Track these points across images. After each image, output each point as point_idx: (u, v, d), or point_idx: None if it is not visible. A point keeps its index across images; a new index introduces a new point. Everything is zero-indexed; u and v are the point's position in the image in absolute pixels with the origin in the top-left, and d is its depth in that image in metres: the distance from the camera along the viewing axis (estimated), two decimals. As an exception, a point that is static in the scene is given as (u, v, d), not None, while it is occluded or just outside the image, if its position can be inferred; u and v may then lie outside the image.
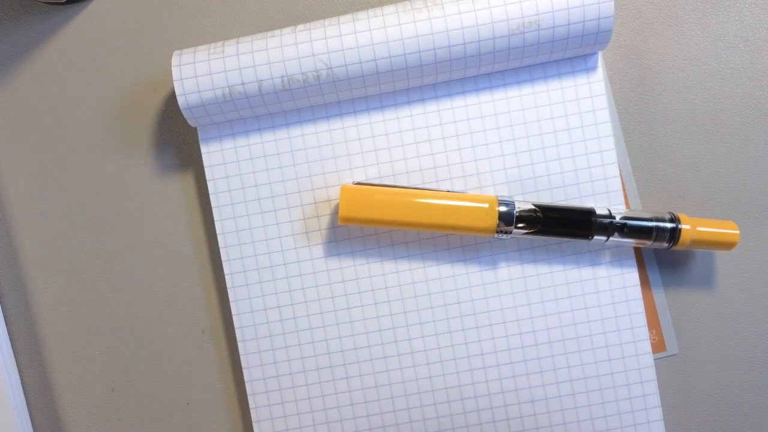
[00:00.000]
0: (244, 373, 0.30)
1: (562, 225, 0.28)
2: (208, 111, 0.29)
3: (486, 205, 0.28)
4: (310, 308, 0.30)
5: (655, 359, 0.31)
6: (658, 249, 0.30)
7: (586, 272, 0.30)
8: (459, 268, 0.30)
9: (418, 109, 0.30)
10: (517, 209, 0.28)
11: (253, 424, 0.30)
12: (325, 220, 0.30)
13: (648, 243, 0.29)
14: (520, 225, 0.28)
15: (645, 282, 0.31)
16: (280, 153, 0.30)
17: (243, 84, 0.28)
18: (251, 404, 0.30)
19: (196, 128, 0.30)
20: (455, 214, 0.28)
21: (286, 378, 0.30)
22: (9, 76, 0.32)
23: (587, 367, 0.30)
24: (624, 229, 0.28)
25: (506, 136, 0.30)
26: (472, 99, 0.30)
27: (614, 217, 0.28)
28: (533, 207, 0.28)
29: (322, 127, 0.30)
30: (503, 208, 0.28)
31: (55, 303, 0.32)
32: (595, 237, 0.28)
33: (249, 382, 0.30)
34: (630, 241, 0.29)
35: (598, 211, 0.29)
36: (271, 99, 0.28)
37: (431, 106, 0.30)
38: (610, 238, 0.29)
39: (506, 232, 0.28)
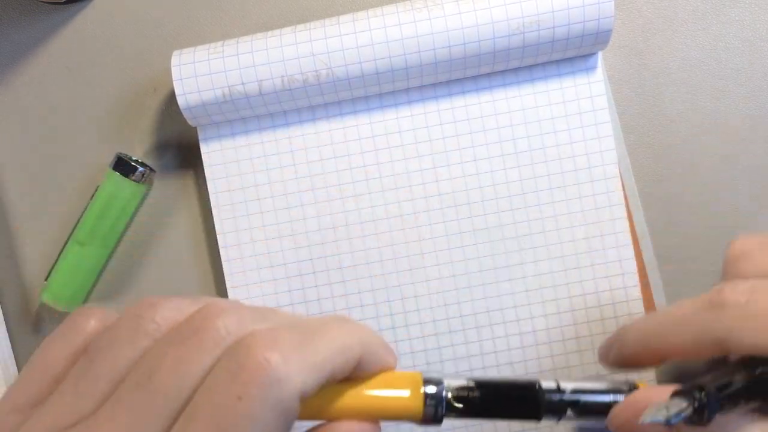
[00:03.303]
0: (244, 373, 0.30)
1: (502, 405, 0.22)
2: (208, 111, 0.29)
3: (407, 393, 0.21)
4: (310, 308, 0.30)
5: (655, 359, 0.31)
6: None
7: (587, 272, 0.30)
8: (459, 268, 0.30)
9: (418, 109, 0.30)
10: (447, 389, 0.21)
11: (253, 424, 0.30)
12: (324, 220, 0.30)
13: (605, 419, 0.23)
14: (455, 407, 0.21)
15: (645, 282, 0.31)
16: (280, 153, 0.30)
17: (243, 84, 0.28)
18: (251, 404, 0.30)
19: (196, 128, 0.30)
20: (368, 404, 0.21)
21: (286, 378, 0.30)
22: (9, 76, 0.32)
23: (587, 368, 0.30)
24: (578, 405, 0.22)
25: (506, 136, 0.30)
26: (472, 99, 0.30)
27: (564, 392, 0.22)
28: (467, 385, 0.22)
29: (322, 127, 0.30)
30: (430, 390, 0.21)
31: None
32: (544, 419, 0.23)
33: (249, 382, 0.30)
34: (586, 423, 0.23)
35: (544, 384, 0.22)
36: (271, 99, 0.28)
37: (431, 106, 0.30)
38: (562, 419, 0.23)
39: (436, 421, 0.21)
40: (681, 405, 0.19)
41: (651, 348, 0.23)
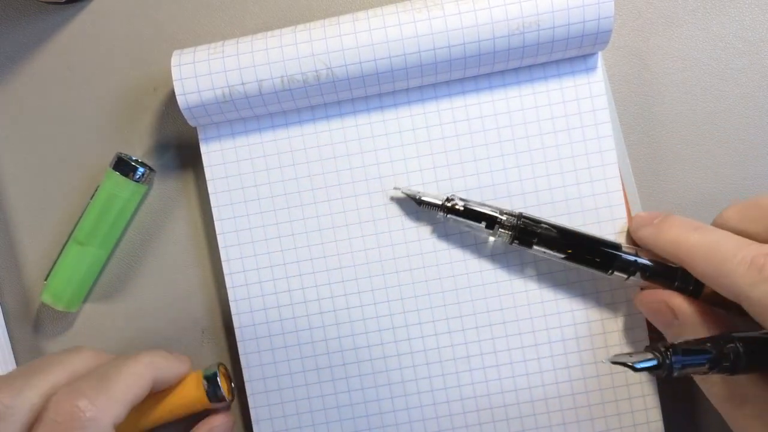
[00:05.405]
0: (243, 373, 0.30)
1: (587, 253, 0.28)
2: (208, 111, 0.29)
3: (192, 389, 0.29)
4: (310, 308, 0.30)
5: (654, 359, 0.31)
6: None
7: (586, 272, 0.30)
8: (459, 268, 0.30)
9: (418, 109, 0.30)
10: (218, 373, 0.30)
11: (253, 424, 0.30)
12: (324, 220, 0.30)
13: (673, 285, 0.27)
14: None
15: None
16: (280, 153, 0.30)
17: (243, 84, 0.28)
18: (251, 404, 0.30)
19: (196, 128, 0.30)
20: (167, 409, 0.29)
21: (285, 378, 0.30)
22: (9, 76, 0.32)
23: (587, 368, 0.30)
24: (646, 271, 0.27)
25: (506, 136, 0.30)
26: (472, 99, 0.30)
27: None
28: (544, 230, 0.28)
29: (322, 127, 0.30)
30: (207, 379, 0.29)
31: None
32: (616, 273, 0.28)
33: (248, 382, 0.30)
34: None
35: (625, 248, 0.28)
36: (271, 99, 0.28)
37: (431, 106, 0.30)
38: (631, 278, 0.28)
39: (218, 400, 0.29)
40: (646, 356, 0.23)
41: (677, 258, 0.26)
